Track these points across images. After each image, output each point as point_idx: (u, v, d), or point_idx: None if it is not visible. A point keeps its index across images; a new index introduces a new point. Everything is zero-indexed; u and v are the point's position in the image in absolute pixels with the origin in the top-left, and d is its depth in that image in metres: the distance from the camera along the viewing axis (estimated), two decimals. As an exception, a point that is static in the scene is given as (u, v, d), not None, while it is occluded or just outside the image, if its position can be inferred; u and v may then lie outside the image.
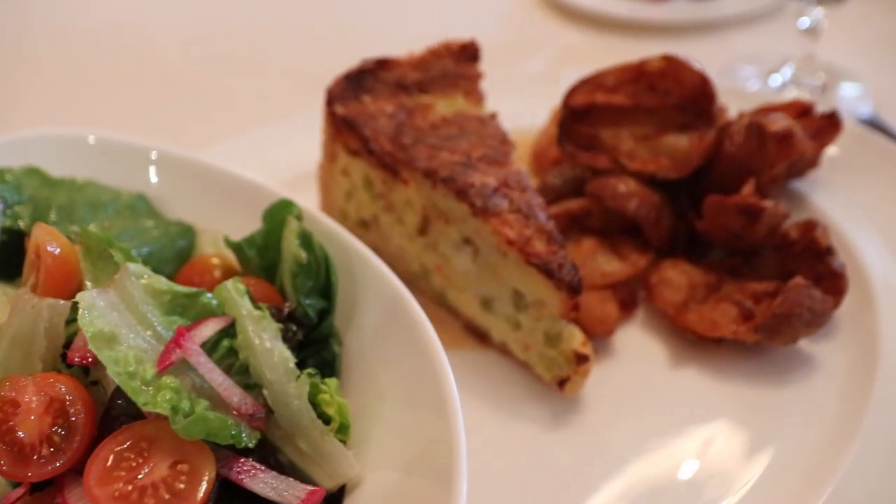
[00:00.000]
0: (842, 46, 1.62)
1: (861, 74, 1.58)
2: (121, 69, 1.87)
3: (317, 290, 0.95)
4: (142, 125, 1.62)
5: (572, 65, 1.79)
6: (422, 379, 0.85)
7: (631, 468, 0.94)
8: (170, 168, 1.18)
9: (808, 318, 0.97)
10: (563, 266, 0.95)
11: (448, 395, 0.80)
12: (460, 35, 1.95)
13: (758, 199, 1.04)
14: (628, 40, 1.85)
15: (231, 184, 1.14)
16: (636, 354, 1.07)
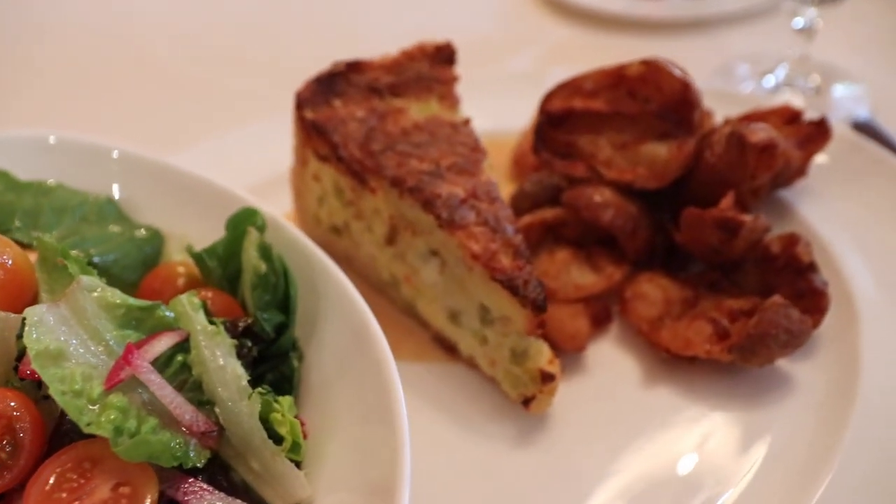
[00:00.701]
0: (839, 46, 1.57)
1: (858, 75, 1.53)
2: (94, 70, 1.83)
3: (275, 304, 0.93)
4: (115, 128, 1.59)
5: (561, 63, 1.75)
6: (374, 399, 0.83)
7: (596, 491, 0.92)
8: (140, 172, 1.16)
9: (785, 339, 0.94)
10: (529, 283, 0.92)
11: (398, 419, 0.78)
12: (447, 31, 1.90)
13: (737, 213, 1.00)
14: (621, 38, 1.80)
15: (201, 189, 1.11)
16: (608, 371, 1.04)
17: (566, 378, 1.03)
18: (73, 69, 1.84)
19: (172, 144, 1.44)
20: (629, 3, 1.82)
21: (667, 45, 1.76)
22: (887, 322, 1.02)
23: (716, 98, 1.38)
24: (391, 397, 0.81)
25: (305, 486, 0.83)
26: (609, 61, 1.75)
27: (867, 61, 1.57)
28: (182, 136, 1.47)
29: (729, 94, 1.39)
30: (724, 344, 0.97)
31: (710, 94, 1.38)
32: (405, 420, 0.78)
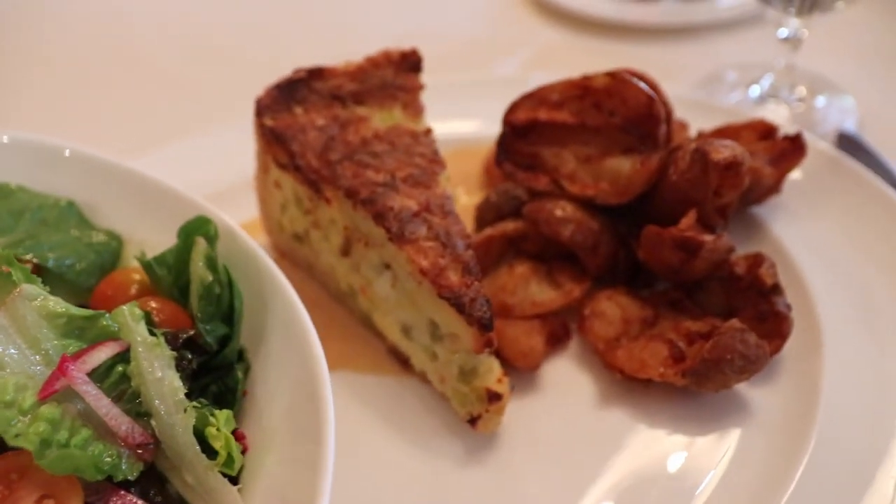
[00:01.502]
0: (826, 56, 1.52)
1: (846, 86, 1.48)
2: (63, 71, 1.82)
3: (219, 316, 0.92)
4: (82, 131, 1.58)
5: (547, 67, 1.72)
6: (307, 417, 0.82)
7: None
8: (104, 175, 1.15)
9: (741, 365, 0.91)
10: (476, 301, 0.90)
11: (325, 438, 0.77)
12: (435, 33, 1.90)
13: (697, 233, 0.97)
14: (610, 42, 1.77)
15: (162, 195, 1.11)
16: (563, 391, 1.02)
17: (519, 396, 1.01)
18: (38, 70, 1.83)
19: (143, 147, 1.43)
20: (619, 7, 1.79)
21: (655, 50, 1.73)
22: (851, 349, 0.99)
23: (695, 108, 1.35)
24: (321, 417, 0.80)
25: (238, 501, 0.82)
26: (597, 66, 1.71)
27: (856, 72, 1.52)
28: (153, 138, 1.47)
29: (709, 105, 1.35)
30: (679, 367, 0.94)
31: (689, 105, 1.36)
32: (331, 441, 0.77)
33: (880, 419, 0.92)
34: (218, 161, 1.39)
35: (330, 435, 0.78)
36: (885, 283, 1.06)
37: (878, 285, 1.05)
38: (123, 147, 1.45)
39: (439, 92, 1.50)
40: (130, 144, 1.47)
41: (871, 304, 1.04)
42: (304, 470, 0.78)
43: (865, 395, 0.95)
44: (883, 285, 1.05)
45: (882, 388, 0.95)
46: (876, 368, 0.97)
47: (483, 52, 1.80)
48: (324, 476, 0.75)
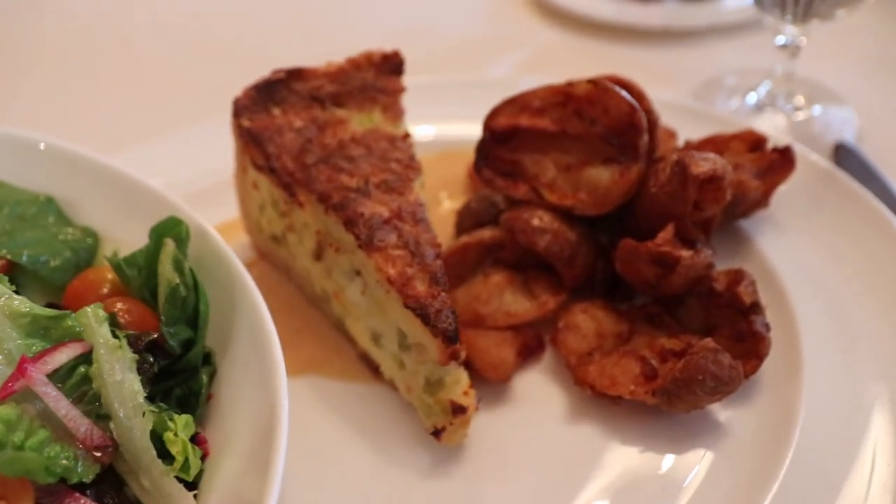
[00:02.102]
0: (826, 64, 1.48)
1: (846, 94, 1.44)
2: (48, 66, 1.81)
3: (184, 319, 0.92)
4: (67, 126, 1.57)
5: (543, 68, 1.69)
6: (264, 423, 0.82)
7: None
8: (83, 171, 1.15)
9: (712, 386, 0.89)
10: (441, 312, 0.88)
11: (277, 449, 0.77)
12: (434, 32, 1.87)
13: (674, 248, 0.95)
14: (609, 44, 1.73)
15: (141, 194, 1.10)
16: (533, 404, 1.00)
17: (489, 408, 1.00)
18: (24, 65, 1.82)
19: (132, 142, 1.43)
20: (620, 8, 1.75)
21: (655, 53, 1.69)
22: (831, 373, 0.97)
23: (687, 116, 1.32)
24: (276, 425, 0.79)
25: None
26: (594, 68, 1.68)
27: (857, 80, 1.48)
28: (142, 134, 1.46)
29: (701, 113, 1.32)
30: (650, 386, 0.92)
31: (681, 111, 1.33)
32: (282, 449, 0.77)
33: (855, 446, 0.89)
34: (206, 157, 1.38)
35: (282, 443, 0.77)
36: (869, 305, 1.02)
37: (862, 307, 1.02)
38: (111, 143, 1.45)
39: (428, 92, 1.49)
40: (118, 140, 1.47)
41: (854, 326, 1.01)
42: (256, 477, 0.78)
43: (842, 422, 0.92)
44: (866, 307, 1.02)
45: (859, 414, 0.92)
46: (855, 393, 0.94)
47: (480, 52, 1.78)
48: (272, 485, 0.74)
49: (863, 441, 0.90)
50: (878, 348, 0.98)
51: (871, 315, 1.01)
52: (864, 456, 0.88)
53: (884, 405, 0.92)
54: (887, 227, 1.08)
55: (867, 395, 0.94)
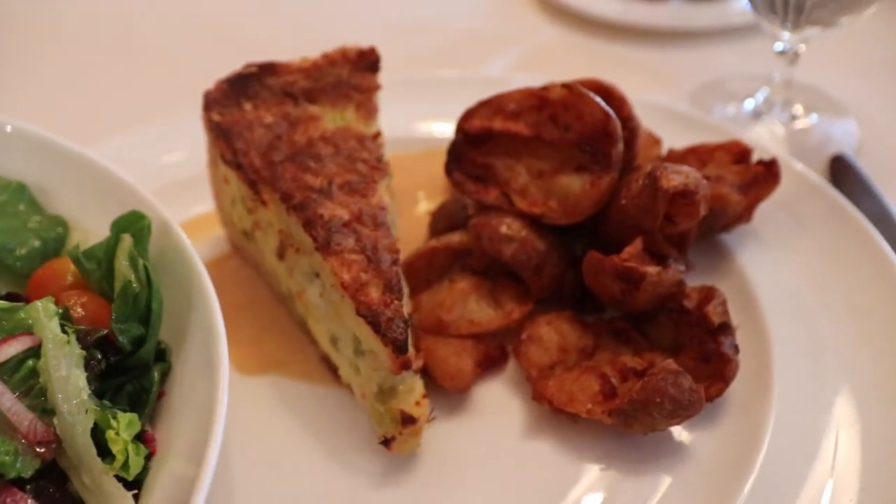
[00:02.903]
0: (827, 71, 1.42)
1: (847, 103, 1.38)
2: (25, 52, 1.80)
3: (136, 316, 0.91)
4: (42, 114, 1.56)
5: (541, 66, 1.65)
6: (204, 423, 0.81)
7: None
8: (58, 159, 1.14)
9: (671, 410, 0.85)
10: (393, 321, 0.87)
11: (211, 447, 0.76)
12: (428, 24, 1.83)
13: (640, 263, 0.92)
14: (610, 43, 1.69)
15: (112, 183, 1.10)
16: (491, 417, 0.98)
17: (446, 418, 0.98)
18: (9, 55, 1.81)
19: (118, 128, 1.42)
20: (624, 6, 1.69)
21: (656, 54, 1.64)
22: (803, 400, 0.93)
23: (677, 121, 1.28)
24: (212, 427, 0.78)
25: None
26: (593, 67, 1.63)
27: (858, 89, 1.41)
28: (124, 123, 1.45)
29: (692, 119, 1.27)
30: (607, 405, 0.89)
31: (671, 117, 1.29)
32: (214, 452, 0.76)
33: (819, 479, 0.86)
34: (192, 146, 1.37)
35: (214, 446, 0.77)
36: (847, 331, 0.98)
37: (840, 332, 0.98)
38: (94, 130, 1.44)
39: (417, 88, 1.46)
40: (102, 127, 1.46)
41: (830, 352, 0.97)
42: (190, 478, 0.77)
43: (807, 452, 0.88)
44: (845, 333, 0.98)
45: (826, 446, 0.88)
46: (824, 424, 0.90)
47: (478, 47, 1.74)
48: (203, 479, 0.74)
49: (826, 474, 0.86)
50: (852, 377, 0.93)
51: (849, 342, 0.97)
52: (825, 489, 0.85)
53: (853, 438, 0.88)
54: (874, 249, 1.03)
55: (836, 427, 0.90)
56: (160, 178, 1.31)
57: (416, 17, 1.87)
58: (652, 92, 1.53)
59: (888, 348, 0.94)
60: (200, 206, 1.28)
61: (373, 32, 1.81)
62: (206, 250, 1.25)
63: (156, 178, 1.31)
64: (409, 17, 1.87)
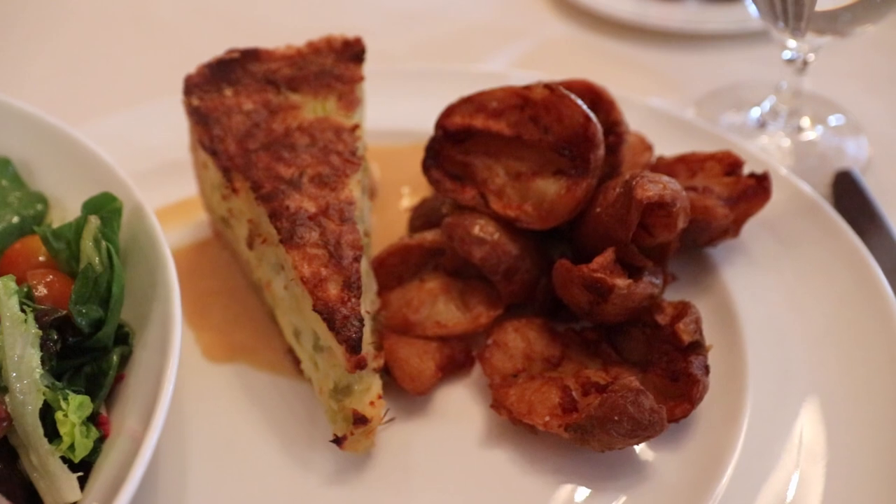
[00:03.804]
0: (839, 80, 1.35)
1: (858, 116, 1.31)
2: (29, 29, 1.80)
3: (96, 299, 0.91)
4: (43, 91, 1.56)
5: (544, 63, 1.62)
6: (148, 411, 0.80)
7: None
8: (44, 136, 1.15)
9: (629, 429, 0.82)
10: (349, 319, 0.85)
11: (148, 439, 0.76)
12: (435, 13, 1.80)
13: (609, 275, 0.88)
14: (619, 43, 1.64)
15: (95, 164, 1.10)
16: (452, 422, 0.95)
17: (406, 419, 0.96)
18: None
19: (104, 110, 1.42)
20: (638, 6, 1.64)
21: (666, 55, 1.59)
22: (774, 427, 0.89)
23: (675, 127, 1.24)
24: (155, 416, 0.78)
25: (75, 489, 0.82)
26: (598, 67, 1.60)
27: (870, 102, 1.34)
28: (117, 102, 1.46)
29: (691, 126, 1.23)
30: (565, 419, 0.86)
31: (669, 122, 1.24)
32: (151, 443, 0.77)
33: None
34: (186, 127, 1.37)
35: (154, 432, 0.77)
36: (828, 357, 0.93)
37: (820, 358, 0.93)
38: (88, 108, 1.45)
39: (413, 79, 1.44)
40: (95, 106, 1.47)
41: (807, 378, 0.92)
42: (129, 465, 0.77)
43: (774, 479, 0.84)
44: (825, 359, 0.93)
45: (793, 474, 0.84)
46: (794, 451, 0.86)
47: (484, 40, 1.70)
48: (139, 466, 0.74)
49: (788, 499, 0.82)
50: (825, 409, 0.89)
51: (828, 373, 0.92)
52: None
53: (817, 472, 0.84)
54: (867, 276, 0.98)
55: (801, 460, 0.85)
56: (153, 158, 1.32)
57: (424, 5, 1.84)
58: (657, 95, 1.49)
59: (867, 383, 0.90)
60: (191, 188, 1.28)
61: (378, 20, 1.80)
62: (189, 234, 1.25)
63: (149, 158, 1.32)
64: (418, 4, 1.84)
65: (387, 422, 0.95)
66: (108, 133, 1.33)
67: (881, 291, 0.95)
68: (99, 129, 1.35)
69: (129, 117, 1.40)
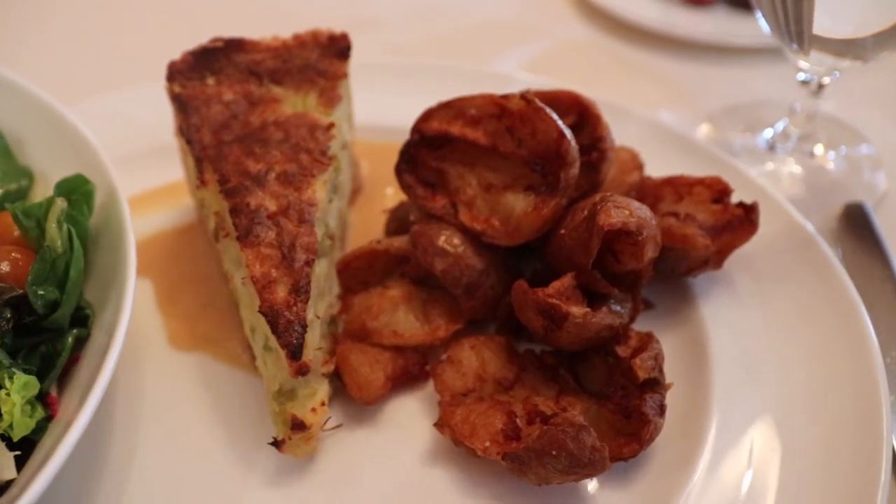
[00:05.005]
0: (865, 110, 1.26)
1: (877, 145, 1.22)
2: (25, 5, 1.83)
3: (54, 280, 0.91)
4: (36, 66, 1.58)
5: (554, 67, 1.56)
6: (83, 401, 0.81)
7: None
8: (36, 112, 1.17)
9: (566, 465, 0.78)
10: (292, 324, 0.83)
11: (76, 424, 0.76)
12: (454, 7, 1.75)
13: (565, 301, 0.84)
14: (637, 49, 1.57)
15: (78, 143, 1.11)
16: (399, 435, 0.93)
17: (354, 427, 0.95)
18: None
19: (103, 90, 1.43)
20: (665, 13, 1.56)
21: (684, 67, 1.52)
22: (729, 474, 0.83)
23: (673, 144, 1.18)
24: (87, 400, 0.79)
25: (10, 468, 0.83)
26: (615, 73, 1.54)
27: (893, 130, 1.25)
28: (116, 82, 1.46)
29: (691, 145, 1.16)
30: (505, 447, 0.83)
31: (669, 138, 1.18)
32: (80, 426, 0.77)
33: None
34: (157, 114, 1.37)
35: (81, 421, 0.78)
36: (798, 410, 0.87)
37: (792, 410, 0.87)
38: (86, 87, 1.46)
39: (413, 75, 1.40)
40: (93, 86, 1.48)
41: (773, 425, 0.86)
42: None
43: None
44: (796, 411, 0.87)
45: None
46: (743, 500, 0.81)
47: (499, 37, 1.66)
48: (56, 458, 0.74)
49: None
50: (791, 465, 0.83)
51: (798, 424, 0.86)
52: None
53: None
54: (854, 321, 0.91)
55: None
56: (149, 139, 1.33)
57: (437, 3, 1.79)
58: (669, 108, 1.42)
59: (839, 443, 0.83)
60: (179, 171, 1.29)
61: (395, 9, 1.76)
62: (175, 218, 1.25)
63: (145, 139, 1.33)
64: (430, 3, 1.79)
65: (333, 428, 0.94)
66: (108, 112, 1.35)
67: (867, 345, 0.88)
68: (100, 107, 1.37)
69: (130, 97, 1.41)
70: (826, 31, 0.98)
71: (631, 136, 1.19)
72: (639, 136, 1.20)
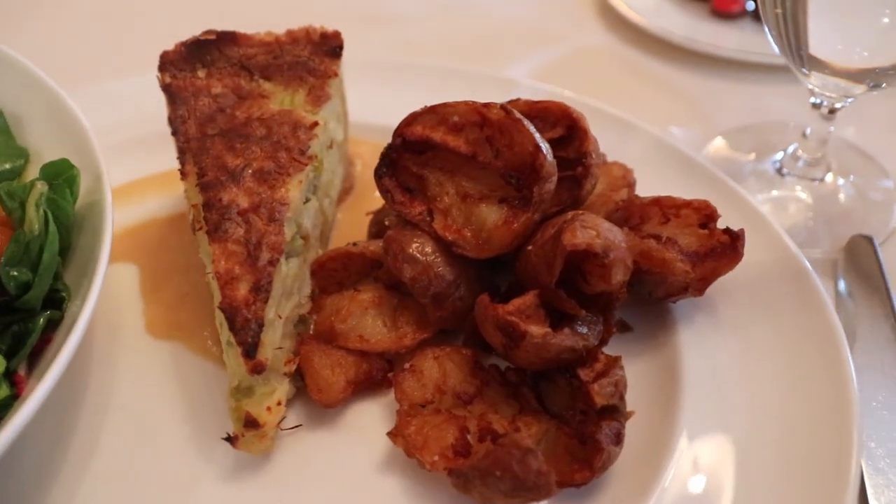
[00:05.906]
0: (881, 134, 1.18)
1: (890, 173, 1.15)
2: None
3: (27, 263, 0.93)
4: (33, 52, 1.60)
5: (569, 74, 1.52)
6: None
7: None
8: (36, 93, 1.19)
9: (510, 488, 0.76)
10: (249, 323, 0.83)
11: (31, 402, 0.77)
12: (473, 7, 1.72)
13: (524, 320, 0.82)
14: (659, 61, 1.53)
15: (73, 127, 1.13)
16: (359, 440, 0.92)
17: (315, 428, 0.94)
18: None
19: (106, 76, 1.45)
20: (689, 22, 1.51)
21: (703, 81, 1.46)
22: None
23: (672, 163, 1.13)
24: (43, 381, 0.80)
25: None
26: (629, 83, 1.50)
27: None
28: (118, 69, 1.48)
29: (692, 164, 1.12)
30: (452, 462, 0.81)
31: (669, 156, 1.14)
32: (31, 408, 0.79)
33: None
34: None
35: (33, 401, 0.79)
36: (766, 449, 0.83)
37: (762, 451, 0.83)
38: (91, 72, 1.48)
39: (417, 75, 1.39)
40: (96, 71, 1.50)
41: (736, 465, 0.82)
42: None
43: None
44: (763, 451, 0.83)
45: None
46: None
47: (517, 40, 1.63)
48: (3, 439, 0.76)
49: None
50: (748, 494, 0.79)
51: (766, 465, 0.82)
52: None
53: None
54: (836, 360, 0.86)
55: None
56: (151, 125, 1.34)
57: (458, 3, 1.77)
58: (681, 123, 1.37)
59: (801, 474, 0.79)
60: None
61: (413, 6, 1.74)
62: (170, 205, 1.27)
63: (147, 125, 1.34)
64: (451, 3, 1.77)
65: (291, 428, 0.93)
66: (112, 97, 1.37)
67: (845, 385, 0.83)
68: (106, 91, 1.39)
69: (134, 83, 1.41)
70: (836, 56, 0.92)
71: (633, 152, 1.16)
72: (641, 152, 1.16)
